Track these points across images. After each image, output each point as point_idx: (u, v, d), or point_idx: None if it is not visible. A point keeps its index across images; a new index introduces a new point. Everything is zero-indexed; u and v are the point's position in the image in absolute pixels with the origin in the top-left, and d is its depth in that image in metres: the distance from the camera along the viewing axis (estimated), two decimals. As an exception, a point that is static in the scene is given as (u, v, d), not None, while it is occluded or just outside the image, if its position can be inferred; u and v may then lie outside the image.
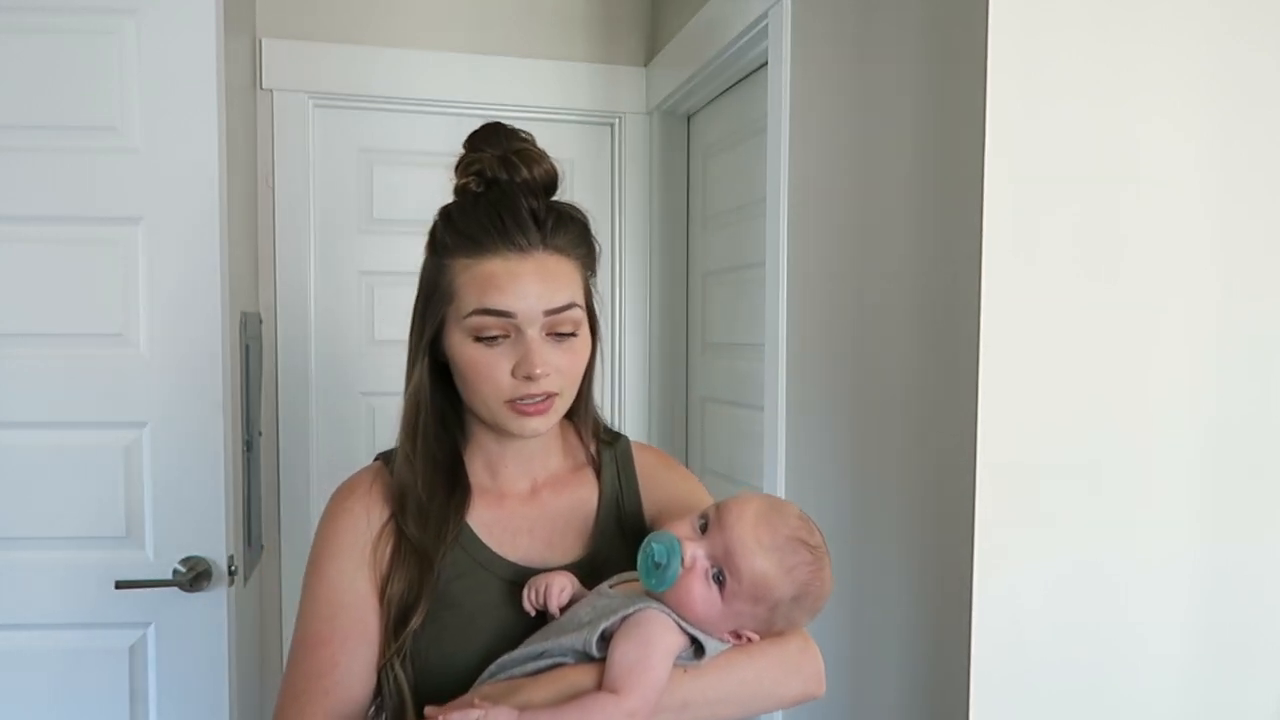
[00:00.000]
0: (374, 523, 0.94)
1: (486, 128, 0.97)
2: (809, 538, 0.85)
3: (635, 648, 0.79)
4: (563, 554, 0.96)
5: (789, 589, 0.83)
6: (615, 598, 0.85)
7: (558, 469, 1.01)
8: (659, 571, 0.81)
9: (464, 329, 0.89)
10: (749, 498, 0.86)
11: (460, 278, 0.89)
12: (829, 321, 1.46)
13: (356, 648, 0.89)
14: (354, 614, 0.90)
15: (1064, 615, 1.13)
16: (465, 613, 0.90)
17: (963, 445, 1.11)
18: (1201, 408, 1.16)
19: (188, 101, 1.57)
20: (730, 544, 0.82)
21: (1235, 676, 1.20)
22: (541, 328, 0.88)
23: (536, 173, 0.93)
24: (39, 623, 1.60)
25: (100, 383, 1.59)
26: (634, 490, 1.02)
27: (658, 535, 0.83)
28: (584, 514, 0.99)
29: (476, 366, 0.89)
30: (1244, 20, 1.15)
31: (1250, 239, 1.17)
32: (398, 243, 2.30)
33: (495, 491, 0.98)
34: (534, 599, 0.88)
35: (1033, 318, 1.10)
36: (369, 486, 0.97)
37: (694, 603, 0.81)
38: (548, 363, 0.88)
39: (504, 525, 0.96)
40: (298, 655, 0.91)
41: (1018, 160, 1.09)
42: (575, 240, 0.93)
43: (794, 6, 1.57)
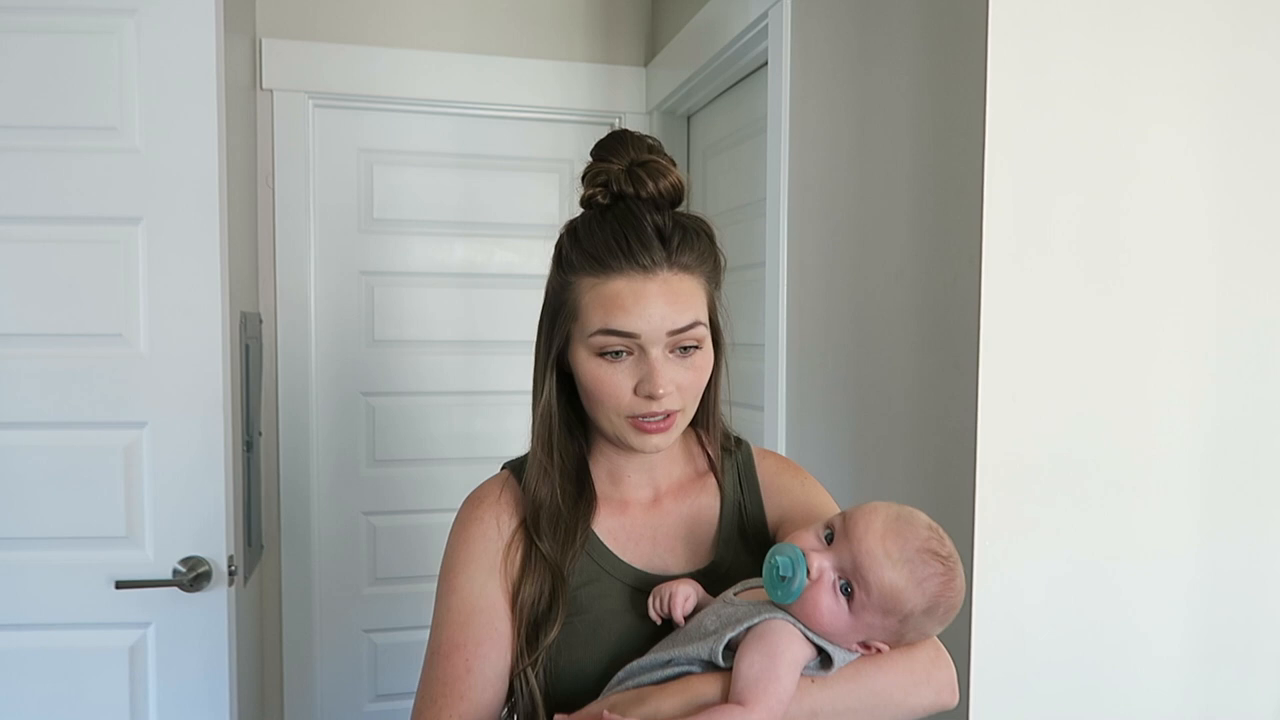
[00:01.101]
0: (504, 531, 0.95)
1: (613, 136, 0.96)
2: (940, 548, 0.82)
3: (761, 658, 0.78)
4: (686, 561, 0.96)
5: (920, 601, 0.80)
6: (741, 606, 0.83)
7: (680, 476, 1.01)
8: (784, 584, 0.80)
9: (588, 346, 0.89)
10: (876, 507, 0.83)
11: (586, 296, 0.89)
12: (829, 321, 1.46)
13: (489, 653, 0.90)
14: (487, 620, 0.91)
15: (1064, 615, 1.13)
16: (591, 619, 0.91)
17: (963, 445, 1.11)
18: (1201, 408, 1.16)
19: (188, 101, 1.57)
20: (859, 556, 0.80)
21: (1235, 676, 1.20)
22: (665, 346, 0.89)
23: (663, 186, 0.93)
24: (39, 623, 1.60)
25: (100, 383, 1.59)
26: (756, 497, 1.01)
27: (780, 547, 0.82)
28: (707, 521, 0.99)
29: (599, 383, 0.89)
30: (1245, 23, 1.15)
31: (1250, 240, 1.17)
32: (398, 243, 2.31)
33: (618, 499, 0.98)
34: (659, 607, 0.88)
35: (1033, 318, 1.10)
36: (498, 495, 0.98)
37: (821, 615, 0.80)
38: (670, 381, 0.88)
39: (628, 533, 0.97)
40: (432, 661, 0.92)
41: (1018, 160, 1.09)
42: (701, 256, 0.92)
43: (794, 6, 1.57)
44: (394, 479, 2.32)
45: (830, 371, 1.46)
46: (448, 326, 2.34)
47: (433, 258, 2.33)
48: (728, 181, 2.10)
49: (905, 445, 1.25)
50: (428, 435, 2.33)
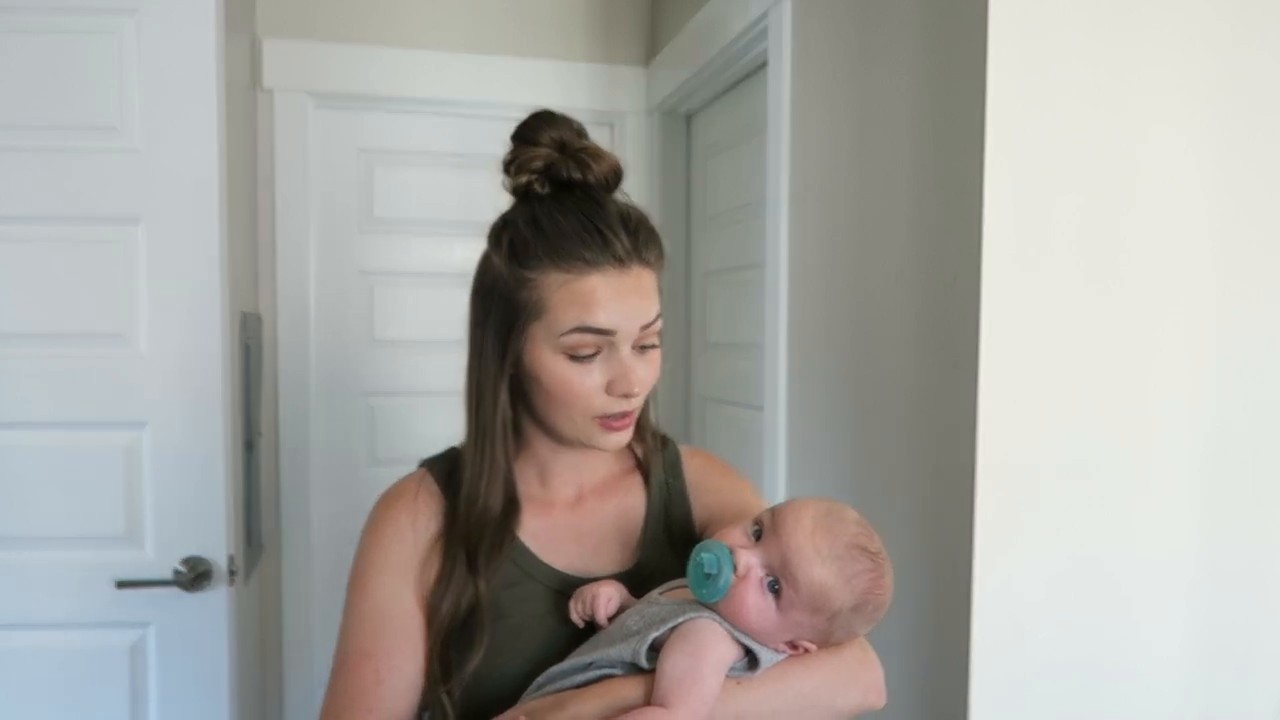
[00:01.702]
0: (421, 534, 0.91)
1: (535, 118, 0.91)
2: (869, 544, 0.81)
3: (685, 659, 0.76)
4: (610, 563, 0.93)
5: (849, 598, 0.79)
6: (665, 606, 0.82)
7: (605, 474, 0.99)
8: (710, 582, 0.78)
9: (556, 346, 0.86)
10: (805, 503, 0.82)
11: (556, 293, 0.85)
12: (829, 321, 1.46)
13: (402, 663, 0.87)
14: (400, 628, 0.88)
15: (1064, 615, 1.13)
16: (513, 623, 0.88)
17: (963, 445, 1.11)
18: (1201, 408, 1.16)
19: (188, 101, 1.57)
20: (787, 552, 0.78)
21: (1235, 676, 1.20)
22: (634, 343, 0.87)
23: (605, 169, 0.89)
24: (39, 623, 1.60)
25: (100, 383, 1.59)
26: (683, 496, 0.99)
27: (707, 545, 0.80)
28: (632, 521, 0.96)
29: (569, 383, 0.86)
30: (1245, 23, 1.15)
31: (1250, 240, 1.17)
32: (398, 243, 2.31)
33: (543, 500, 0.95)
34: (581, 610, 0.86)
35: (1033, 318, 1.10)
36: (414, 495, 0.94)
37: (748, 613, 0.78)
38: (642, 379, 0.87)
39: (551, 534, 0.94)
40: (340, 672, 0.88)
41: (1018, 160, 1.09)
42: (659, 250, 0.90)
43: (794, 6, 1.57)
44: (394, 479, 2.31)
45: (830, 371, 1.46)
46: (448, 326, 2.33)
47: (433, 258, 2.33)
48: (728, 181, 2.10)
49: (905, 445, 1.25)
50: (428, 435, 2.31)
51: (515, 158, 0.90)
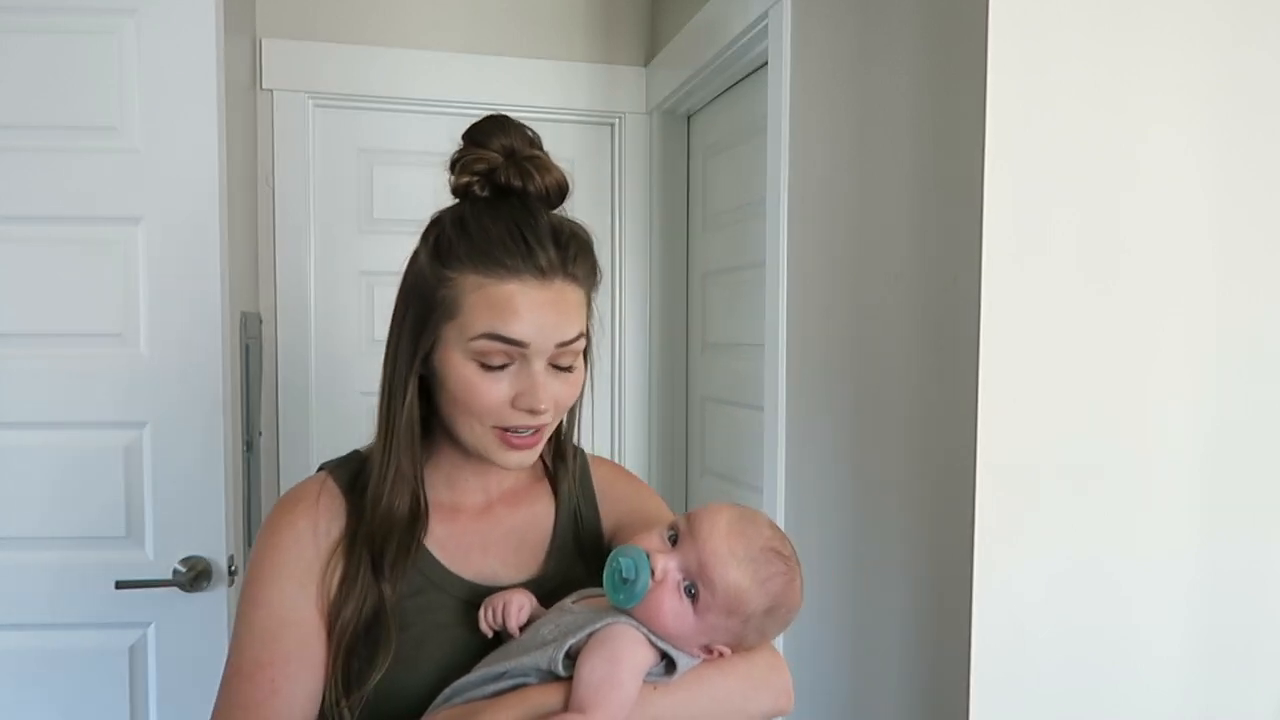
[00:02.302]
0: (322, 540, 0.87)
1: (489, 121, 0.90)
2: (782, 548, 0.83)
3: (603, 664, 0.76)
4: (518, 571, 0.92)
5: (763, 601, 0.81)
6: (581, 613, 0.82)
7: (513, 483, 0.97)
8: (627, 586, 0.78)
9: (466, 350, 0.83)
10: (720, 508, 0.83)
11: (471, 296, 0.83)
12: (829, 322, 1.46)
13: (299, 673, 0.83)
14: (297, 636, 0.83)
15: (1064, 616, 1.13)
16: (416, 634, 0.85)
17: (963, 446, 1.11)
18: (1201, 409, 1.16)
19: (188, 101, 1.57)
20: (704, 555, 0.79)
21: (1235, 676, 1.20)
22: (547, 359, 0.85)
23: (549, 182, 0.88)
24: (39, 623, 1.60)
25: (100, 383, 1.58)
26: (592, 505, 0.99)
27: (624, 549, 0.80)
28: (540, 530, 0.95)
29: (474, 390, 0.84)
30: (1245, 23, 1.15)
31: (1250, 240, 1.17)
32: (398, 243, 2.28)
33: (450, 506, 0.93)
34: (491, 618, 0.84)
35: (1033, 318, 1.10)
36: (315, 500, 0.90)
37: (665, 616, 0.79)
38: (549, 396, 0.85)
39: (458, 541, 0.91)
40: (233, 683, 0.84)
41: (1018, 160, 1.09)
42: (589, 268, 0.89)
43: (794, 6, 1.57)
44: (394, 479, 2.32)
45: (830, 371, 1.46)
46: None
47: (433, 258, 2.33)
48: (728, 181, 2.10)
49: (905, 446, 1.25)
50: (428, 435, 2.33)
51: (460, 157, 0.90)
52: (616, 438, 2.41)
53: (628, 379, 2.40)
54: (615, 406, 2.41)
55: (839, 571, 1.41)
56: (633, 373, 2.40)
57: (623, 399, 2.40)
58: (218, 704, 0.85)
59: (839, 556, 1.41)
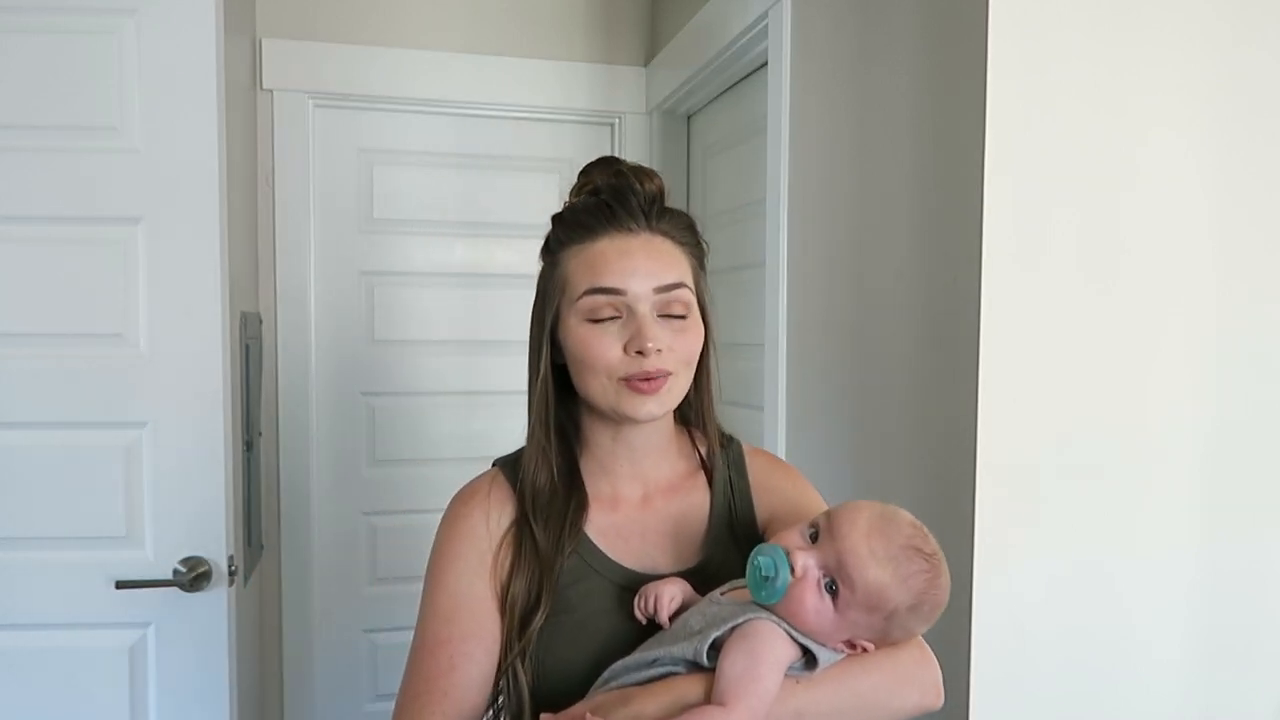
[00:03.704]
0: (494, 529, 0.94)
1: (600, 159, 1.00)
2: (924, 545, 0.82)
3: (744, 658, 0.78)
4: (675, 560, 0.95)
5: (905, 598, 0.80)
6: (726, 606, 0.83)
7: (670, 474, 1.00)
8: (768, 584, 0.79)
9: (578, 313, 0.89)
10: (861, 505, 0.84)
11: (571, 263, 0.91)
12: (829, 322, 1.46)
13: (474, 650, 0.89)
14: (473, 617, 0.90)
15: (1064, 615, 1.13)
16: (579, 618, 0.90)
17: (963, 445, 1.11)
18: (1201, 409, 1.16)
19: (188, 101, 1.57)
20: (843, 554, 0.80)
21: (1235, 676, 1.20)
22: (653, 306, 0.89)
23: (646, 185, 0.94)
24: (39, 623, 1.60)
25: (100, 383, 1.58)
26: (746, 496, 1.01)
27: (763, 548, 0.82)
28: (696, 520, 0.98)
29: (588, 344, 0.89)
30: (1245, 23, 1.15)
31: (1250, 240, 1.17)
32: (398, 243, 2.31)
33: (609, 496, 0.97)
34: (644, 607, 0.87)
35: (1033, 318, 1.10)
36: (488, 492, 0.97)
37: (806, 613, 0.80)
38: (659, 339, 0.88)
39: (618, 531, 0.96)
40: (417, 658, 0.91)
41: (1018, 161, 1.09)
42: (682, 228, 0.94)
43: (794, 6, 1.57)
44: (394, 479, 2.32)
45: (830, 371, 1.46)
46: (448, 326, 2.34)
47: (433, 258, 2.33)
48: (728, 181, 2.10)
49: (905, 445, 1.25)
50: (428, 435, 2.33)
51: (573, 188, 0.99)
52: (616, 438, 2.41)
53: (628, 379, 2.39)
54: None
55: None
56: (633, 373, 2.39)
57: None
58: (405, 675, 0.92)
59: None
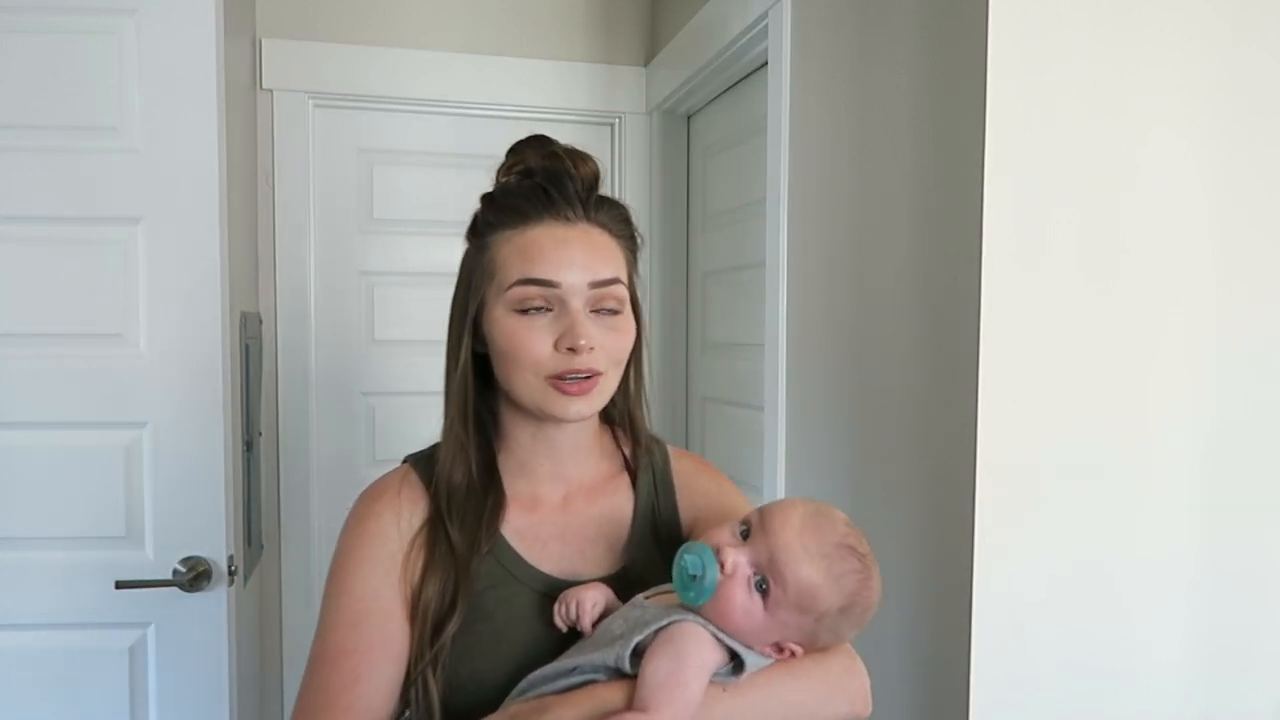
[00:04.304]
0: (404, 530, 0.89)
1: (531, 136, 0.95)
2: (857, 545, 0.81)
3: (668, 662, 0.75)
4: (596, 565, 0.92)
5: (837, 599, 0.79)
6: (650, 609, 0.80)
7: (593, 474, 0.96)
8: (695, 584, 0.77)
9: (506, 303, 0.86)
10: (794, 502, 0.82)
11: (502, 250, 0.87)
12: (829, 322, 1.46)
13: (381, 661, 0.84)
14: (380, 625, 0.85)
15: (1064, 616, 1.13)
16: (496, 625, 0.87)
17: (963, 445, 1.11)
18: (1201, 408, 1.16)
19: (188, 101, 1.57)
20: (775, 550, 0.78)
21: (1235, 676, 1.20)
22: (586, 302, 0.85)
23: (582, 169, 0.91)
24: (39, 623, 1.60)
25: (100, 383, 1.59)
26: (670, 498, 0.98)
27: (689, 546, 0.79)
28: (619, 523, 0.95)
29: (517, 338, 0.85)
30: (1245, 23, 1.15)
31: (1250, 240, 1.17)
32: (398, 243, 2.31)
33: (529, 496, 0.94)
34: (565, 615, 0.85)
35: (1033, 318, 1.10)
36: (398, 490, 0.92)
37: (735, 612, 0.77)
38: (592, 337, 0.84)
39: (536, 533, 0.92)
40: (317, 669, 0.85)
41: (1018, 161, 1.09)
42: (619, 220, 0.91)
43: (794, 6, 1.57)
44: (394, 479, 2.32)
45: (830, 371, 1.46)
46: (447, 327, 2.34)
47: (433, 258, 2.33)
48: (728, 181, 2.10)
49: (905, 445, 1.25)
50: (427, 435, 2.31)
51: (501, 166, 0.95)
52: (616, 438, 2.41)
53: (628, 379, 2.39)
54: (615, 406, 2.40)
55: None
56: (633, 373, 2.39)
57: (623, 399, 2.39)
58: (302, 689, 0.86)
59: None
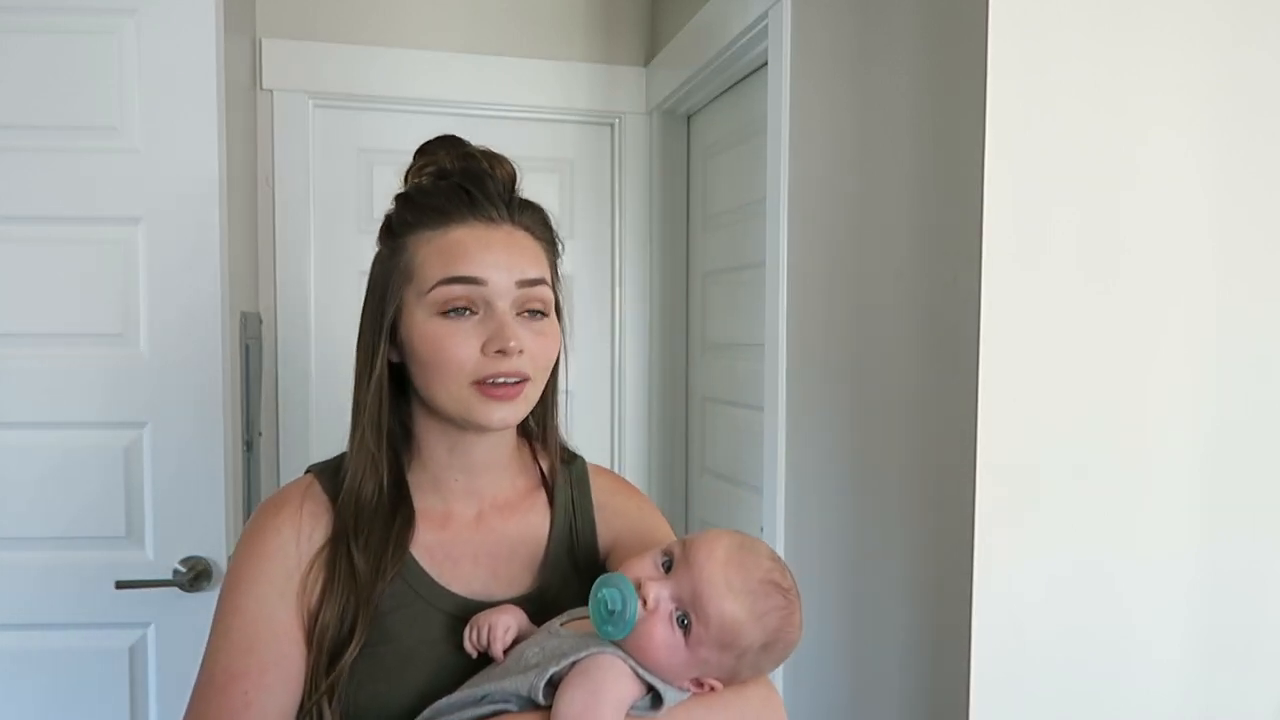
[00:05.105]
0: (305, 547, 0.84)
1: (441, 136, 0.92)
2: (781, 580, 0.79)
3: (584, 696, 0.72)
4: (509, 586, 0.88)
5: (759, 636, 0.77)
6: (567, 639, 0.78)
7: (508, 490, 0.92)
8: (614, 618, 0.74)
9: (427, 305, 0.82)
10: (718, 534, 0.79)
11: (422, 251, 0.83)
12: (829, 321, 1.46)
13: (273, 685, 0.79)
14: (275, 647, 0.80)
15: (1064, 616, 1.13)
16: (401, 649, 0.82)
17: (963, 445, 1.11)
18: (1201, 408, 1.16)
19: (188, 101, 1.57)
20: (699, 585, 0.75)
21: (1235, 676, 1.20)
22: (513, 303, 0.83)
23: (498, 170, 0.89)
24: (39, 623, 1.60)
25: (100, 383, 1.58)
26: (589, 518, 0.95)
27: (607, 578, 0.77)
28: (534, 542, 0.91)
29: (440, 342, 0.81)
30: (1245, 23, 1.15)
31: (1250, 240, 1.17)
32: (398, 243, 2.31)
33: (440, 512, 0.89)
34: (475, 640, 0.81)
35: (1033, 318, 1.10)
36: (300, 504, 0.87)
37: (655, 648, 0.75)
38: (521, 339, 0.81)
39: (447, 551, 0.88)
40: (205, 693, 0.80)
41: (1018, 160, 1.09)
42: (541, 224, 0.89)
43: (794, 6, 1.57)
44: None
45: (830, 372, 1.46)
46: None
47: (433, 258, 2.33)
48: (728, 181, 2.10)
49: (905, 445, 1.25)
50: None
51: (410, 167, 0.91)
52: (616, 438, 2.41)
53: (628, 379, 2.39)
54: (615, 407, 2.40)
55: (839, 571, 1.41)
56: (633, 373, 2.40)
57: (623, 399, 2.40)
58: (188, 714, 0.81)
59: (839, 556, 1.41)
